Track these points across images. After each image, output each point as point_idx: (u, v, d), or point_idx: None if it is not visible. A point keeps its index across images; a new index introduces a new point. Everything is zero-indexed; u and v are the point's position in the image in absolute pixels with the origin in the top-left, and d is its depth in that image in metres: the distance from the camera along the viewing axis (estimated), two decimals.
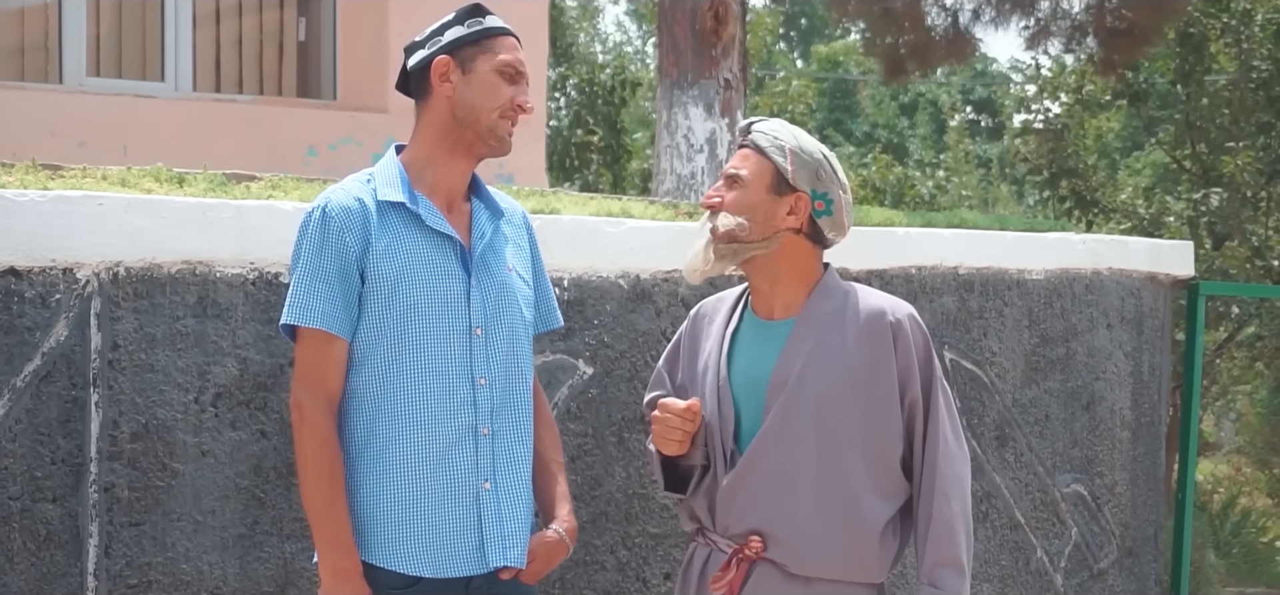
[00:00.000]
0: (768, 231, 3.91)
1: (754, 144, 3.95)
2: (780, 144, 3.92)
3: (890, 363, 3.90)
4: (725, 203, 3.93)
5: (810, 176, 3.91)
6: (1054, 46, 12.43)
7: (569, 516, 3.95)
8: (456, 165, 3.82)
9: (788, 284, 3.96)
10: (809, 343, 3.90)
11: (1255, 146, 13.31)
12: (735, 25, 9.38)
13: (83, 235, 4.28)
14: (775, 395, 3.90)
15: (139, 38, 10.16)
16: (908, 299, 6.34)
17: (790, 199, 3.91)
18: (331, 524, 3.65)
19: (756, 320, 4.01)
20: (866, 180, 21.23)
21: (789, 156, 3.90)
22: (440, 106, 3.78)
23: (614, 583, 5.45)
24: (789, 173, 3.89)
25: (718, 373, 3.97)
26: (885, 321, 3.91)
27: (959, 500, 3.91)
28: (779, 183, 3.91)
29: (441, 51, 3.78)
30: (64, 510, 4.27)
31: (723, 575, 3.91)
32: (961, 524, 3.91)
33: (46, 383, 4.23)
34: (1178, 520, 8.81)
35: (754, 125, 3.98)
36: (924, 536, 3.90)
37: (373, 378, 3.70)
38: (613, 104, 20.51)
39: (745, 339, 4.00)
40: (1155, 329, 7.79)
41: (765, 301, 3.99)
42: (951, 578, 3.88)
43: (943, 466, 3.91)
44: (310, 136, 9.84)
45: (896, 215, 7.33)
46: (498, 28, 3.82)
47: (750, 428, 3.94)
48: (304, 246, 3.70)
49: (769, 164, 3.91)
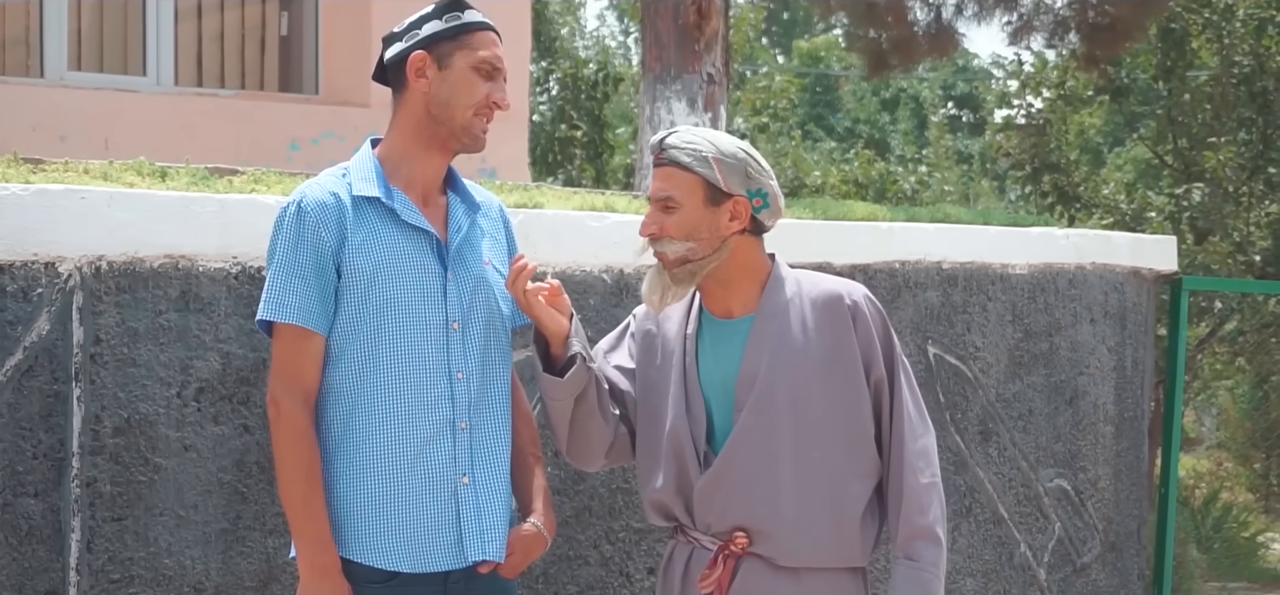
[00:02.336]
0: (715, 243, 3.89)
1: (673, 160, 3.89)
2: (701, 154, 3.87)
3: (852, 344, 3.91)
4: (665, 229, 3.90)
5: (741, 177, 3.89)
6: (1037, 42, 12.46)
7: (547, 510, 3.95)
8: (432, 160, 3.81)
9: (739, 284, 3.95)
10: (771, 337, 3.90)
11: (1237, 142, 13.34)
12: (718, 20, 9.38)
13: (65, 229, 4.26)
14: (745, 393, 3.89)
15: (121, 32, 10.14)
16: (892, 293, 6.36)
17: (728, 205, 3.88)
18: (309, 519, 3.64)
19: (714, 320, 3.99)
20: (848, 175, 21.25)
21: (715, 165, 3.86)
22: (416, 102, 3.77)
23: (597, 577, 5.44)
24: (720, 182, 3.86)
25: (685, 373, 3.97)
26: (843, 305, 3.92)
27: (927, 472, 3.93)
28: (712, 193, 3.87)
29: (418, 46, 3.76)
30: (46, 505, 4.26)
31: (710, 573, 3.91)
32: (932, 495, 3.93)
33: (28, 377, 4.21)
34: (1160, 515, 8.83)
35: (666, 142, 3.91)
36: (897, 512, 3.92)
37: (349, 373, 3.69)
38: (596, 99, 20.50)
39: (707, 339, 3.99)
40: (1138, 324, 7.80)
41: (720, 303, 3.98)
42: (927, 548, 3.90)
43: (908, 442, 3.93)
44: (292, 131, 9.82)
45: (880, 210, 7.33)
46: (476, 22, 3.80)
47: (722, 426, 3.94)
48: (279, 242, 3.69)
49: (696, 177, 3.87)
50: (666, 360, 4.01)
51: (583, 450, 4.08)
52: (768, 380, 3.88)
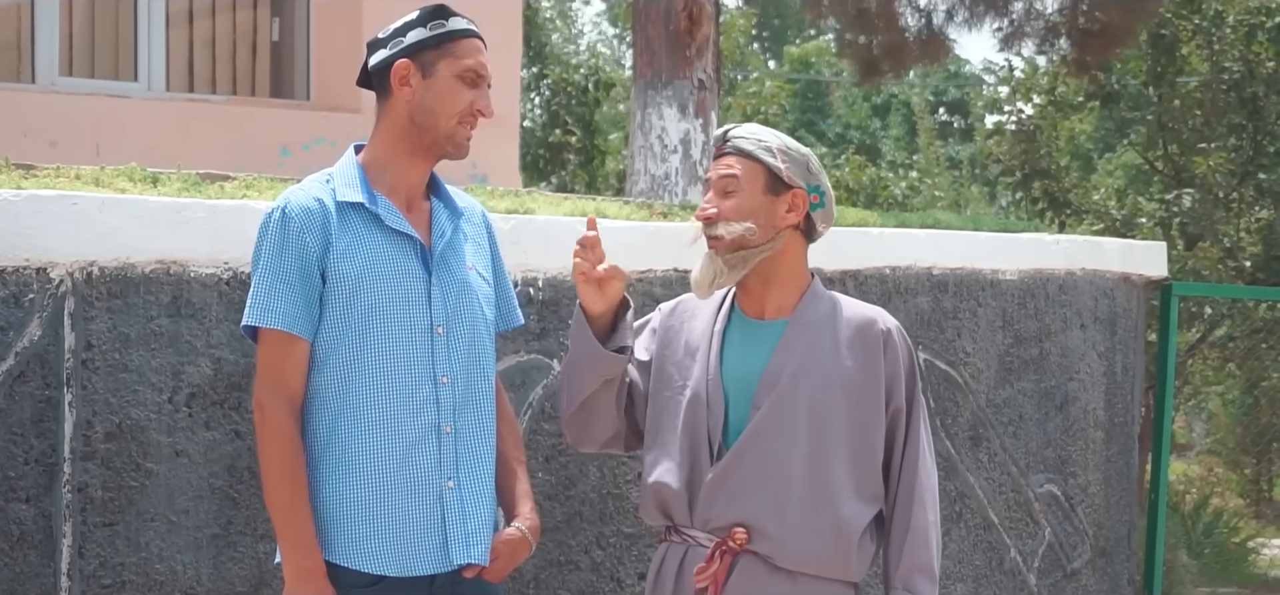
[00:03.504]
0: (772, 232, 3.94)
1: (738, 149, 3.96)
2: (766, 145, 3.95)
3: (879, 370, 3.97)
4: (723, 211, 3.93)
5: (802, 171, 3.96)
6: (1027, 47, 12.47)
7: (532, 514, 3.95)
8: (416, 166, 3.81)
9: (781, 284, 4.00)
10: (802, 344, 3.94)
11: (1227, 148, 13.37)
12: (709, 26, 9.39)
13: (57, 234, 4.26)
14: (767, 392, 3.93)
15: (112, 37, 10.13)
16: (883, 299, 6.36)
17: (787, 196, 3.95)
18: (294, 524, 3.65)
19: (745, 319, 4.03)
20: (840, 181, 21.27)
21: (778, 155, 3.93)
22: (399, 109, 3.77)
23: (588, 582, 5.45)
24: (783, 171, 3.93)
25: (708, 366, 3.99)
26: (876, 330, 3.99)
27: (933, 510, 4.01)
28: (773, 182, 3.93)
29: (402, 54, 3.76)
30: (37, 510, 4.26)
31: (707, 567, 3.92)
32: (934, 533, 4.01)
33: (20, 382, 4.21)
34: (1151, 520, 8.84)
35: (731, 132, 3.99)
36: (900, 542, 3.98)
37: (335, 378, 3.70)
38: (587, 104, 20.50)
39: (735, 337, 4.02)
40: (1129, 329, 7.81)
41: (756, 302, 4.02)
42: (925, 584, 3.97)
43: (922, 477, 4.00)
44: (283, 136, 9.81)
45: (871, 215, 7.34)
46: (461, 30, 3.79)
47: (737, 423, 3.96)
48: (264, 247, 3.69)
49: (759, 165, 3.94)
50: (690, 354, 4.04)
51: (582, 428, 4.11)
52: (791, 383, 3.91)
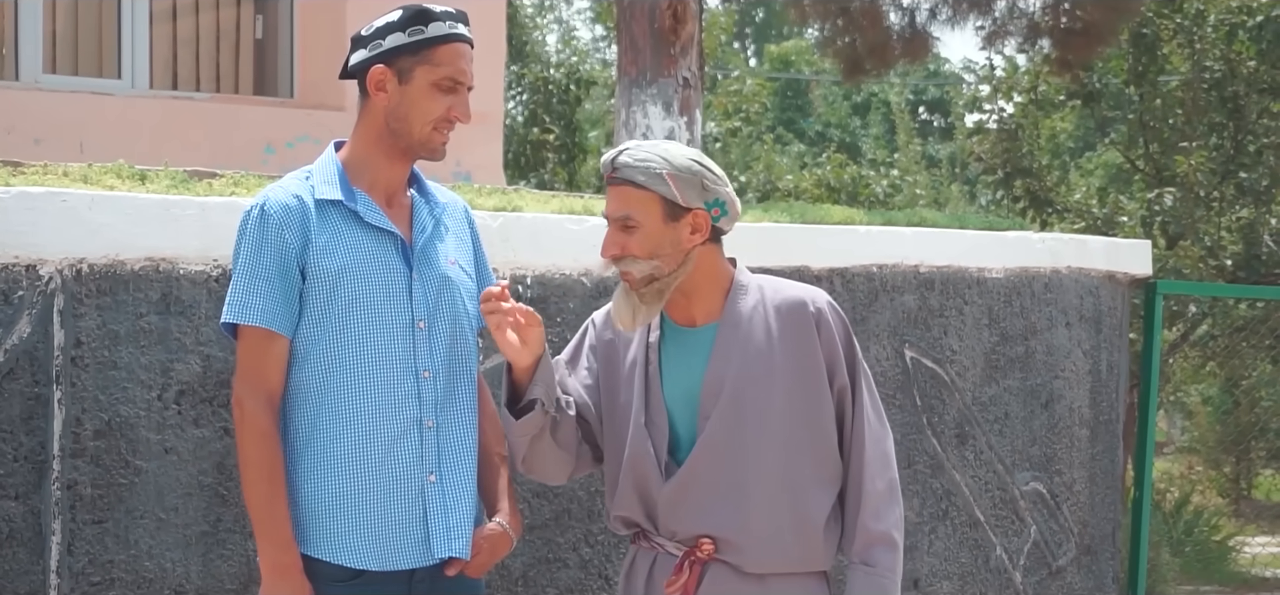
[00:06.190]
0: (679, 258, 3.86)
1: (628, 179, 3.84)
2: (655, 171, 3.82)
3: (816, 353, 3.91)
4: (627, 249, 3.85)
5: (697, 190, 3.85)
6: (1010, 46, 12.49)
7: (513, 510, 3.96)
8: (394, 166, 3.82)
9: (704, 293, 3.94)
10: (736, 346, 3.89)
11: (1208, 147, 13.41)
12: (693, 24, 9.39)
13: (46, 232, 4.26)
14: (711, 403, 3.89)
15: (95, 35, 10.11)
16: (869, 297, 6.37)
17: (688, 219, 3.85)
18: (271, 520, 3.65)
19: (677, 328, 3.98)
20: (821, 179, 21.27)
21: (670, 182, 3.82)
22: (376, 113, 3.78)
23: (576, 580, 5.45)
24: (677, 197, 3.82)
25: (646, 384, 3.96)
26: (807, 312, 3.92)
27: (884, 477, 3.95)
28: (670, 209, 3.84)
29: (380, 59, 3.75)
30: (26, 507, 4.25)
31: (676, 578, 3.91)
32: (890, 500, 3.95)
33: (9, 379, 4.20)
34: (1134, 518, 8.86)
35: (618, 160, 3.86)
36: (854, 517, 3.93)
37: (315, 374, 3.70)
38: (567, 102, 20.49)
39: (671, 349, 3.98)
40: (1113, 328, 7.84)
41: (684, 312, 3.96)
42: (884, 554, 3.92)
43: (868, 447, 3.94)
44: (267, 134, 9.81)
45: (857, 213, 7.35)
46: (441, 35, 3.77)
47: (686, 436, 3.93)
48: (243, 245, 3.70)
49: (652, 195, 3.83)
50: (630, 370, 3.99)
51: (540, 474, 4.07)
52: (733, 389, 3.88)
